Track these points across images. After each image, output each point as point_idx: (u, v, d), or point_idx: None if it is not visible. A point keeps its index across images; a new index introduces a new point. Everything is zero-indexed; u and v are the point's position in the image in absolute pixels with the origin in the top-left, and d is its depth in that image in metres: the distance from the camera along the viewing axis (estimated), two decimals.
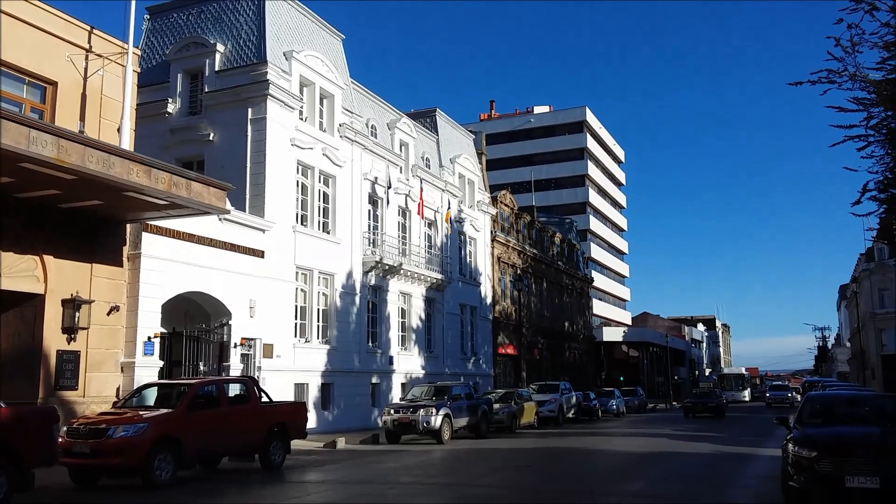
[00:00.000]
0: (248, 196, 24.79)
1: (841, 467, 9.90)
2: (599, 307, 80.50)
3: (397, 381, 32.99)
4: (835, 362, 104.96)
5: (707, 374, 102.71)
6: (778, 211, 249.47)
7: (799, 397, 50.24)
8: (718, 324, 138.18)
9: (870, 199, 32.57)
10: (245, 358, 23.38)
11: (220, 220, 21.73)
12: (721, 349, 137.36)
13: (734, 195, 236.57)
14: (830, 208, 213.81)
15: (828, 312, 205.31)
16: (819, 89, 27.97)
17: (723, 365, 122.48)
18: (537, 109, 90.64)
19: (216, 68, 26.44)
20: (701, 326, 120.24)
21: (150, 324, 19.48)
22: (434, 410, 22.92)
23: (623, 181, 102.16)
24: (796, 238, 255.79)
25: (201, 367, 21.41)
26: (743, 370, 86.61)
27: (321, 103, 29.31)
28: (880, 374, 65.05)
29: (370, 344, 31.43)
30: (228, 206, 19.75)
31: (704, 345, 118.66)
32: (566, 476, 15.13)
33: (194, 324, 22.01)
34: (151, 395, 15.31)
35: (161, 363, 19.83)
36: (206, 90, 26.41)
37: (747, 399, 68.15)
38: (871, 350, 68.47)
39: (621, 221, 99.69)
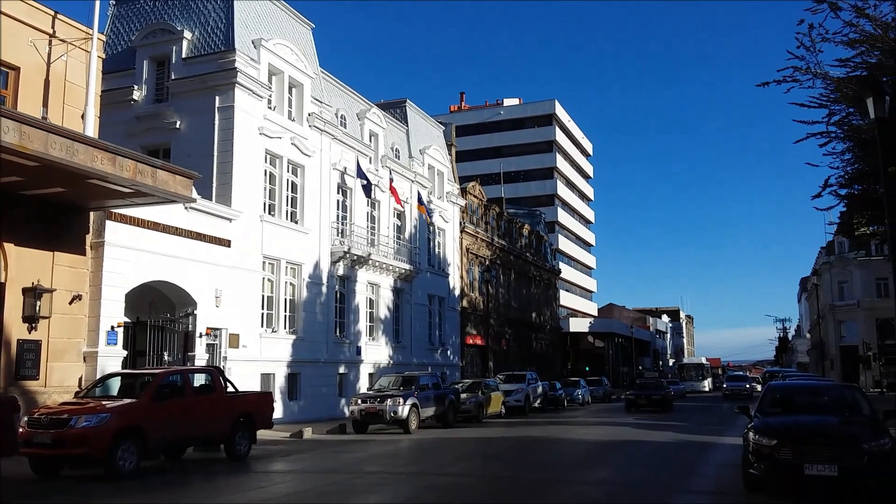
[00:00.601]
0: (214, 185, 24.53)
1: (800, 455, 10.14)
2: (566, 298, 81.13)
3: (365, 371, 32.97)
4: (795, 353, 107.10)
5: (671, 364, 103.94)
6: (742, 205, 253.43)
7: (759, 387, 50.83)
8: (682, 315, 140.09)
9: (831, 193, 33.17)
10: (211, 348, 23.19)
11: (186, 208, 21.50)
12: (685, 340, 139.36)
13: (699, 189, 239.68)
14: (793, 203, 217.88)
15: (789, 304, 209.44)
16: (784, 87, 28.37)
17: (686, 355, 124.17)
18: (507, 102, 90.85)
19: (183, 55, 26.07)
20: (665, 318, 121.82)
21: (114, 313, 19.22)
22: (401, 400, 22.95)
23: (591, 174, 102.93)
24: (759, 232, 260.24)
25: (166, 357, 21.19)
26: (703, 360, 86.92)
27: (290, 92, 29.06)
28: (839, 365, 66.57)
29: (338, 334, 31.35)
30: (195, 194, 19.54)
31: (669, 335, 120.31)
32: (533, 464, 15.28)
33: (159, 313, 21.75)
34: (115, 385, 15.11)
35: (124, 353, 19.59)
36: (173, 77, 26.03)
37: (707, 389, 68.67)
38: (831, 341, 70.01)
39: (589, 214, 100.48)
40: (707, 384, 69.97)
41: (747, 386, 52.40)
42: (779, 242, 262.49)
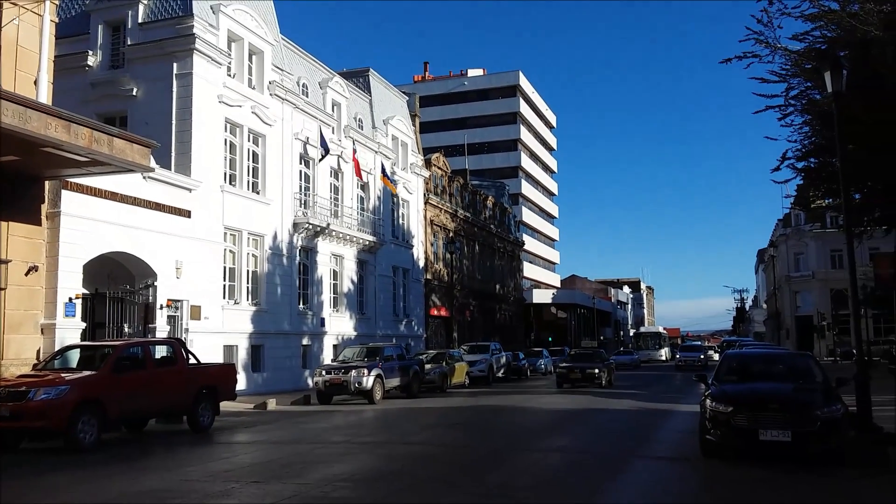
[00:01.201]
0: (173, 154, 24.09)
1: (755, 421, 10.42)
2: (530, 270, 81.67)
3: (329, 342, 32.93)
4: (752, 323, 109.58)
5: (631, 334, 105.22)
6: (701, 178, 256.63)
7: (716, 357, 51.60)
8: (643, 286, 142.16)
9: (788, 167, 33.77)
10: (172, 320, 22.93)
11: (144, 178, 21.10)
12: (645, 310, 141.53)
13: (660, 162, 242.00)
14: (752, 176, 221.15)
15: (746, 276, 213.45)
16: (745, 62, 28.63)
17: (646, 325, 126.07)
18: (471, 72, 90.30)
19: (139, 20, 25.40)
20: (626, 289, 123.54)
21: (71, 284, 18.86)
22: (366, 371, 23.00)
23: (554, 146, 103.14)
24: (719, 204, 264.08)
25: (126, 329, 20.90)
26: (660, 329, 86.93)
27: (250, 60, 28.55)
28: (794, 334, 68.27)
29: (301, 306, 31.21)
30: (153, 163, 19.16)
31: (630, 306, 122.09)
32: (496, 433, 15.47)
33: (118, 285, 21.43)
34: (74, 358, 14.93)
35: (83, 325, 19.28)
36: (129, 43, 25.37)
37: (664, 358, 69.32)
38: (786, 311, 71.69)
39: (552, 186, 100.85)
40: (664, 353, 70.55)
41: (702, 356, 49.82)
42: (738, 215, 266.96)
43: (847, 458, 10.48)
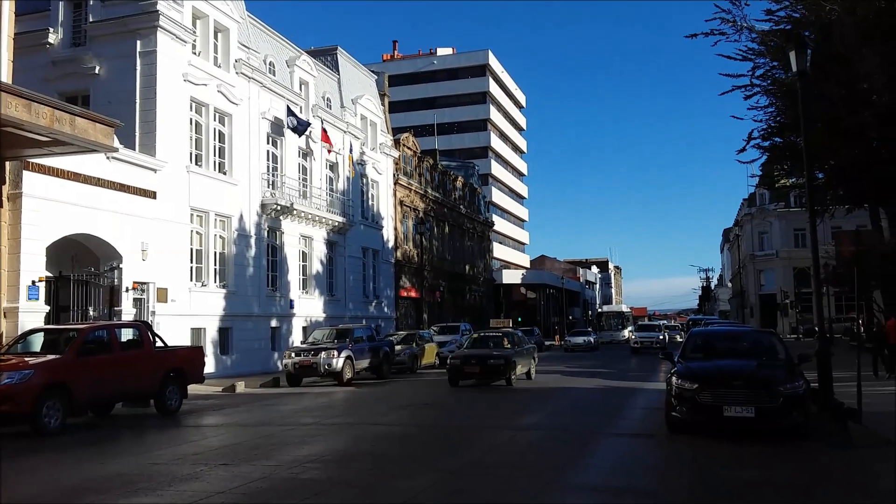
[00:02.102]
0: (137, 134, 23.67)
1: (719, 398, 10.62)
2: (499, 250, 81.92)
3: (298, 324, 32.79)
4: (717, 301, 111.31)
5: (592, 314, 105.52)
6: (669, 159, 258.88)
7: (679, 337, 51.43)
8: (611, 266, 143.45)
9: (754, 146, 34.26)
10: (138, 303, 22.65)
11: (107, 158, 20.72)
12: (613, 290, 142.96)
13: (629, 142, 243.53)
14: (718, 156, 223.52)
15: (712, 255, 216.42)
16: (712, 40, 28.86)
17: (614, 304, 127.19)
18: (441, 51, 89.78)
19: None
20: (595, 269, 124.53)
21: (34, 267, 18.51)
22: (336, 353, 22.95)
23: (524, 126, 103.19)
24: (685, 185, 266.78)
25: (91, 313, 20.60)
26: (623, 308, 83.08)
27: (216, 37, 28.07)
28: (758, 312, 69.48)
29: (270, 287, 31.00)
30: (117, 143, 18.83)
31: (598, 286, 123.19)
32: (466, 413, 15.55)
33: (82, 267, 21.08)
34: (38, 342, 14.71)
35: (47, 308, 18.96)
36: (91, 20, 24.78)
37: (628, 338, 66.58)
38: (751, 290, 72.89)
39: (521, 166, 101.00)
40: (627, 333, 67.33)
41: (660, 337, 43.39)
42: (704, 195, 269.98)
43: (809, 433, 10.73)
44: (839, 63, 23.52)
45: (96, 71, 24.33)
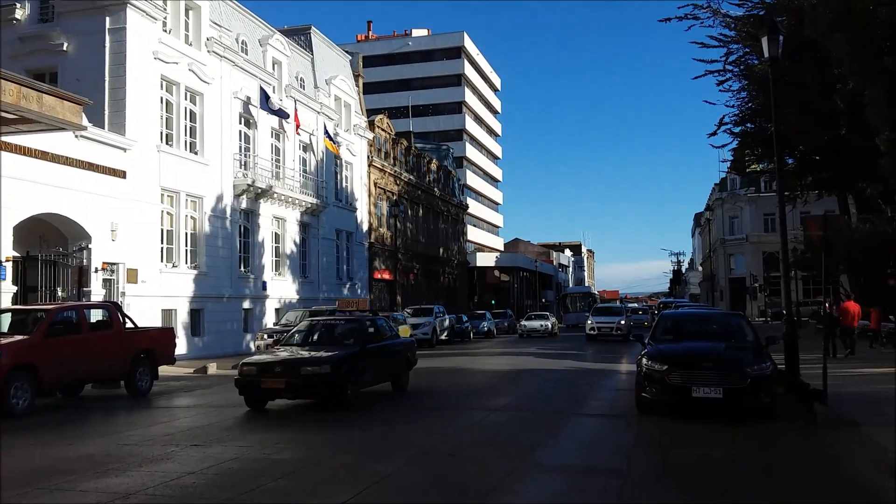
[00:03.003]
0: (107, 112, 23.30)
1: (689, 379, 10.78)
2: (473, 233, 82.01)
3: (271, 306, 32.63)
4: (688, 285, 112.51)
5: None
6: (642, 142, 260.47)
7: (647, 323, 50.33)
8: (584, 249, 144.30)
9: (725, 131, 34.60)
10: (107, 283, 22.40)
11: (76, 136, 20.38)
12: (586, 273, 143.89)
13: (602, 127, 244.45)
14: (691, 141, 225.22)
15: (683, 239, 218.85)
16: (686, 25, 29.00)
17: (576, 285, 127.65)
18: (416, 33, 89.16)
19: None
20: (568, 252, 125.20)
21: (1, 247, 18.20)
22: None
23: (499, 109, 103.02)
24: (658, 169, 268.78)
25: (59, 293, 20.34)
26: (591, 289, 77.46)
27: (187, 15, 27.63)
28: (728, 296, 70.44)
29: (242, 269, 30.79)
30: (85, 121, 18.56)
31: (571, 269, 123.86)
32: (438, 394, 15.60)
33: (51, 248, 20.78)
34: (5, 322, 14.48)
35: (14, 289, 18.70)
36: None
37: None
38: (721, 273, 73.83)
39: (496, 149, 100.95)
40: None
41: (621, 322, 34.82)
42: (676, 180, 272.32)
43: (776, 414, 10.93)
44: (811, 49, 23.78)
45: (64, 48, 23.86)
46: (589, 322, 35.88)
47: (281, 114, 31.58)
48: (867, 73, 19.27)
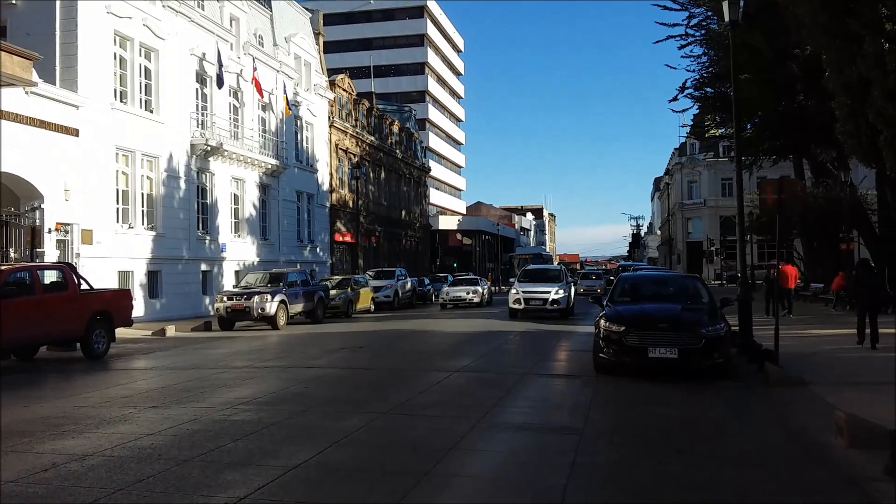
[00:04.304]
0: (58, 68, 22.59)
1: (645, 340, 10.99)
2: (436, 196, 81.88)
3: (230, 268, 32.30)
4: (647, 249, 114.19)
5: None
6: (604, 106, 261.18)
7: (600, 289, 46.39)
8: (546, 213, 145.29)
9: (686, 96, 34.86)
10: (62, 244, 21.93)
11: (26, 93, 19.76)
12: (547, 237, 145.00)
13: (564, 90, 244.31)
14: (652, 105, 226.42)
15: (643, 203, 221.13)
16: None
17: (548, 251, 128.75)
18: None
19: None
20: (530, 216, 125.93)
21: None
22: (269, 296, 22.76)
23: (461, 70, 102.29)
24: (619, 133, 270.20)
25: (12, 254, 19.86)
26: (542, 250, 68.85)
27: None
28: (685, 259, 71.68)
29: (200, 230, 30.37)
30: (36, 77, 17.98)
31: (532, 233, 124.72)
32: (399, 356, 15.68)
33: (1, 208, 20.21)
34: None
35: None
36: None
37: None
38: (678, 237, 74.99)
39: (459, 111, 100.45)
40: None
41: (559, 292, 24.79)
42: (637, 144, 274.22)
43: (729, 373, 11.22)
44: (770, 13, 23.93)
45: (13, 1, 22.96)
46: (513, 292, 25.69)
47: (219, 77, 30.68)
48: (826, 35, 19.45)
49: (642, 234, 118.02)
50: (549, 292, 24.68)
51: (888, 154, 18.55)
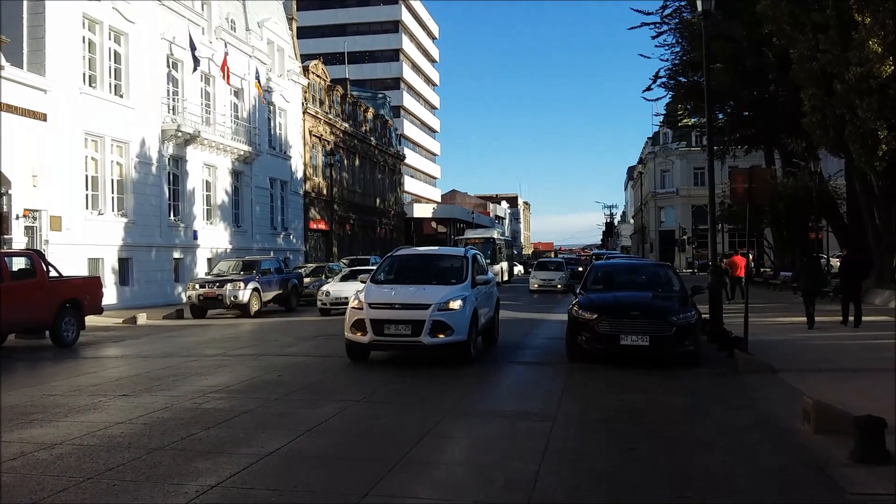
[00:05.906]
0: (25, 51, 22.17)
1: (617, 327, 11.09)
2: (411, 184, 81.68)
3: (202, 255, 32.01)
4: (620, 237, 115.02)
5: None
6: (579, 95, 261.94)
7: (561, 285, 38.97)
8: (520, 201, 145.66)
9: (660, 85, 35.08)
10: (30, 231, 21.59)
11: None
12: (522, 225, 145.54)
13: (540, 79, 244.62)
14: (625, 94, 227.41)
15: (616, 192, 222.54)
16: None
17: (522, 242, 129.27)
18: None
19: None
20: (505, 204, 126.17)
21: None
22: (242, 284, 22.61)
23: (436, 58, 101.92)
24: (594, 122, 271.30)
25: None
26: (495, 233, 52.67)
27: None
28: (657, 247, 72.33)
29: (172, 217, 30.04)
30: (3, 61, 17.59)
31: (507, 221, 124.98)
32: None
33: None
34: None
35: None
36: None
37: (506, 278, 45.37)
38: (651, 226, 75.62)
39: (434, 99, 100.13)
40: (499, 269, 42.70)
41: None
42: (611, 133, 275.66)
43: (699, 360, 11.36)
44: (744, 2, 24.12)
45: None
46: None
47: (194, 59, 30.26)
48: (794, 27, 19.67)
49: (616, 222, 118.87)
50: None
51: (854, 146, 18.84)
